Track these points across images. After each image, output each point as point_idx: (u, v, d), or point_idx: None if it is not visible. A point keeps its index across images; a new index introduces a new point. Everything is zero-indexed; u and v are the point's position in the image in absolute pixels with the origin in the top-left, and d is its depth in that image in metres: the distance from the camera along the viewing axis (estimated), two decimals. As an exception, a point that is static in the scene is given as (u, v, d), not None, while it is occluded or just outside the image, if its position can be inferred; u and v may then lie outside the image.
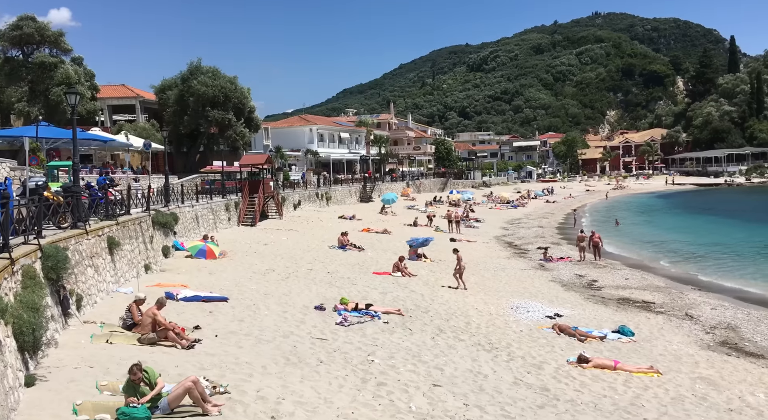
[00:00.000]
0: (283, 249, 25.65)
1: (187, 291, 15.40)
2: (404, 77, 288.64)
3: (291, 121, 75.03)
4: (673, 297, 20.24)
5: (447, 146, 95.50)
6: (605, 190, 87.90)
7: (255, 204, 33.72)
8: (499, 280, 22.08)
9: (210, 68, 42.59)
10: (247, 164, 37.01)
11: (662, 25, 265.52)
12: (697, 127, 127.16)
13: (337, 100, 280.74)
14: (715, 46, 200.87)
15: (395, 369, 10.63)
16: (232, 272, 19.49)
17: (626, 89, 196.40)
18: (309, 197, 45.80)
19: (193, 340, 11.14)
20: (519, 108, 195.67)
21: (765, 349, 14.43)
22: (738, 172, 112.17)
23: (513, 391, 10.16)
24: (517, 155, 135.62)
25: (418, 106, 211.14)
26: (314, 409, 8.21)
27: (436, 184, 77.58)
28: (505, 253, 30.76)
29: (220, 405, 7.91)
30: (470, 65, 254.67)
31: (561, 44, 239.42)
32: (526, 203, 65.90)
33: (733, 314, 17.74)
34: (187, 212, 25.94)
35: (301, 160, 63.66)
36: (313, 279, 19.43)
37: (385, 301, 16.76)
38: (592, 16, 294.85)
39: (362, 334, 13.09)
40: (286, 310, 14.72)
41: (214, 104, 40.59)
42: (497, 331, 14.51)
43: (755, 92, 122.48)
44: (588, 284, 22.60)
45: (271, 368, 9.89)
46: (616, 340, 14.42)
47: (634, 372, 11.83)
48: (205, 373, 9.02)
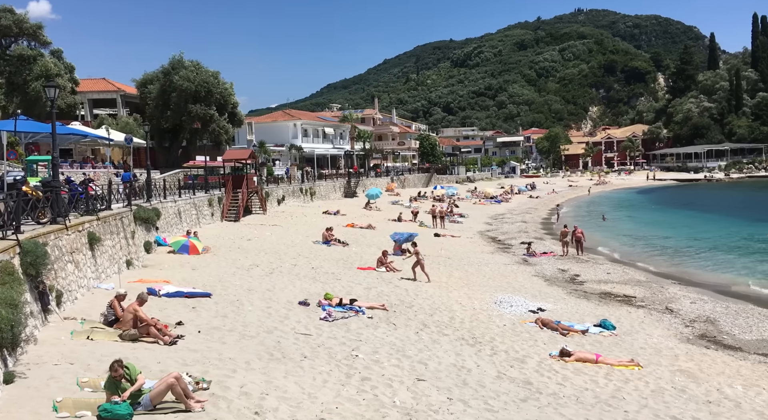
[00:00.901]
0: (267, 244, 25.53)
1: (170, 287, 15.28)
2: (388, 72, 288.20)
3: (275, 116, 74.62)
4: (654, 291, 20.51)
5: (431, 142, 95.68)
6: (587, 186, 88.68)
7: (238, 199, 33.53)
8: (483, 275, 22.20)
9: (192, 63, 42.13)
10: (231, 159, 36.74)
11: (643, 22, 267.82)
12: (677, 123, 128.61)
13: (321, 95, 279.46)
14: (695, 43, 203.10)
15: (379, 364, 10.65)
16: (216, 268, 19.37)
17: (608, 85, 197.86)
18: (293, 192, 45.63)
19: (176, 336, 11.05)
20: (503, 104, 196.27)
21: (743, 341, 14.69)
22: (717, 168, 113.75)
23: (496, 385, 10.23)
24: (500, 151, 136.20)
25: (402, 102, 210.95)
26: (298, 405, 8.19)
27: (421, 180, 77.71)
28: (488, 248, 30.93)
29: (203, 401, 7.86)
30: (454, 61, 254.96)
31: (544, 40, 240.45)
32: (510, 198, 66.28)
33: (712, 308, 18.02)
34: (170, 207, 25.72)
35: (285, 156, 63.34)
36: (297, 274, 19.38)
37: (369, 296, 16.77)
38: (575, 13, 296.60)
39: (346, 329, 13.09)
40: (270, 305, 14.67)
41: (196, 99, 40.19)
42: (481, 326, 14.59)
43: (734, 89, 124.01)
44: (570, 279, 22.81)
45: (254, 364, 9.85)
46: (598, 333, 14.57)
47: (616, 365, 11.97)
48: (188, 369, 8.95)
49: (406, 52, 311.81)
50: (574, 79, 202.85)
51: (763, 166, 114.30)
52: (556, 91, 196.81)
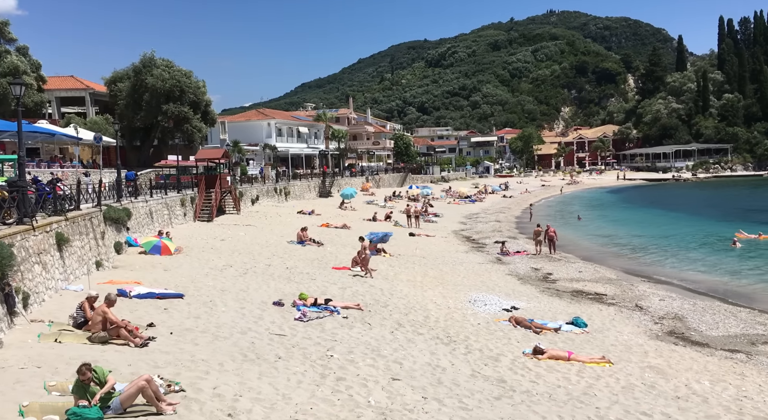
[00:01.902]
0: (241, 244, 25.31)
1: (141, 288, 15.05)
2: (363, 72, 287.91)
3: (248, 115, 73.98)
4: (624, 289, 20.86)
5: (406, 141, 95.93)
6: (560, 185, 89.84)
7: (211, 199, 33.16)
8: (458, 274, 22.32)
9: (164, 61, 41.52)
10: (204, 159, 36.34)
11: (614, 24, 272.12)
12: (646, 124, 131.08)
13: (295, 95, 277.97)
14: (664, 45, 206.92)
15: (354, 364, 10.63)
16: (188, 268, 19.13)
17: (580, 86, 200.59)
18: (267, 192, 45.30)
19: (147, 338, 10.88)
20: (477, 104, 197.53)
21: (710, 338, 15.03)
22: (685, 168, 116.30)
23: (470, 384, 10.29)
24: (474, 150, 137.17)
25: (377, 101, 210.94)
26: (272, 406, 8.13)
27: (396, 179, 77.84)
28: (463, 247, 31.11)
29: (175, 403, 7.75)
30: (428, 61, 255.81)
31: (517, 41, 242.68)
32: (484, 198, 66.80)
33: (680, 305, 18.40)
34: (141, 207, 25.33)
35: (259, 155, 62.85)
36: (271, 274, 19.25)
37: (344, 296, 16.74)
38: (547, 14, 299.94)
39: (321, 329, 13.04)
40: (244, 306, 14.54)
41: (168, 98, 39.63)
42: (455, 325, 14.67)
43: (701, 90, 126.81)
44: (543, 277, 23.07)
45: (228, 365, 9.75)
46: (570, 331, 14.76)
47: (587, 362, 12.14)
48: (160, 372, 8.82)
49: (380, 51, 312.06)
50: (547, 79, 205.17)
51: (729, 166, 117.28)
52: (529, 91, 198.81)
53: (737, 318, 16.90)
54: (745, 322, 16.50)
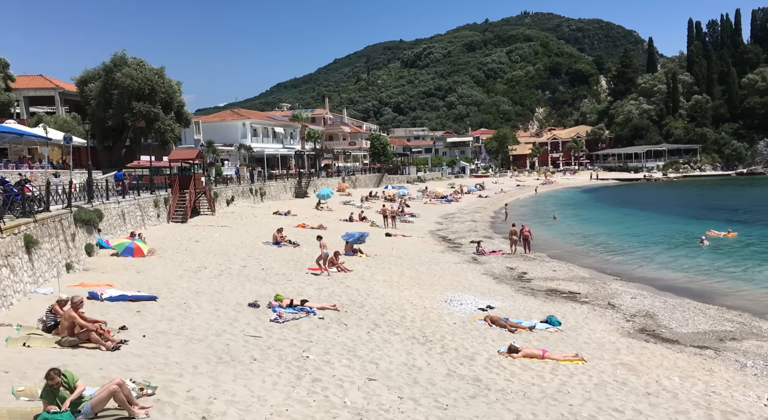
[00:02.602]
0: (216, 246, 25.07)
1: (113, 290, 14.80)
2: (339, 72, 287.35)
3: (223, 115, 73.27)
4: (597, 287, 21.17)
5: (382, 142, 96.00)
6: (534, 185, 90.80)
7: (186, 200, 32.78)
8: (434, 274, 22.41)
9: (135, 60, 40.90)
10: (177, 159, 35.90)
11: (586, 26, 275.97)
12: (618, 125, 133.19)
13: (270, 95, 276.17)
14: (635, 47, 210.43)
15: (330, 364, 10.61)
16: (162, 270, 18.89)
17: (554, 87, 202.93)
18: (243, 193, 44.94)
19: (119, 341, 10.71)
20: (452, 104, 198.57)
21: (680, 334, 15.33)
22: (656, 168, 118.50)
23: (446, 383, 10.34)
24: (450, 151, 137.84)
25: (353, 101, 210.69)
26: (247, 408, 8.07)
27: (372, 180, 77.85)
28: (439, 247, 31.25)
29: (148, 407, 7.65)
30: (404, 61, 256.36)
31: (492, 42, 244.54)
32: (460, 198, 67.19)
33: (651, 302, 18.74)
34: (113, 209, 24.93)
35: (234, 155, 62.31)
36: (246, 276, 19.11)
37: (320, 296, 16.69)
38: (521, 16, 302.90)
39: (297, 330, 12.99)
40: (219, 308, 14.41)
41: (140, 97, 39.05)
42: (431, 324, 14.73)
43: (671, 92, 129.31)
44: (518, 276, 23.29)
45: (202, 368, 9.65)
46: (545, 329, 14.93)
47: (561, 360, 12.29)
48: (132, 375, 8.69)
49: (356, 52, 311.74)
50: (521, 80, 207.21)
51: (698, 166, 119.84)
52: (504, 92, 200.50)
53: (706, 315, 17.27)
54: (714, 319, 16.88)
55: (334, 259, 21.64)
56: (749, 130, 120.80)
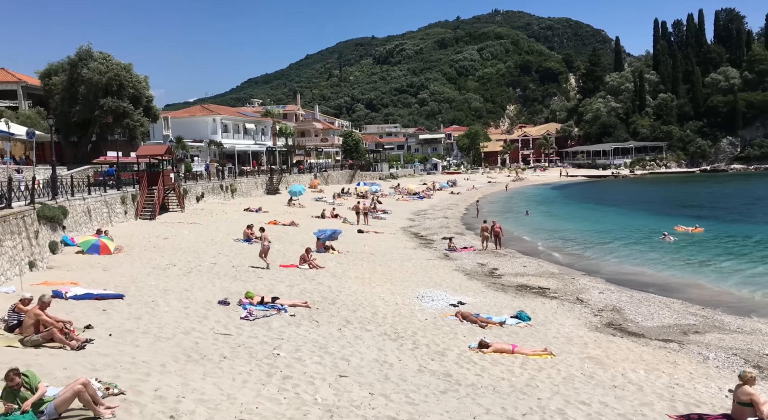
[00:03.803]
0: (185, 243, 24.73)
1: (78, 289, 14.49)
2: (311, 68, 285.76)
3: (193, 111, 72.25)
4: (566, 282, 21.49)
5: (355, 138, 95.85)
6: (505, 182, 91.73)
7: (154, 196, 32.24)
8: (406, 271, 22.47)
9: (101, 54, 40.03)
10: (145, 155, 35.29)
11: (556, 24, 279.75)
12: (587, 122, 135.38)
13: (241, 90, 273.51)
14: (603, 46, 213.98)
15: (301, 361, 10.56)
16: (129, 268, 18.56)
17: (524, 85, 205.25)
18: (213, 189, 44.40)
19: (84, 340, 10.48)
20: (424, 101, 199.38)
21: (645, 328, 15.67)
22: (623, 165, 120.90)
23: (417, 379, 10.39)
24: (423, 147, 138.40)
25: (325, 98, 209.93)
26: (216, 406, 7.99)
27: (344, 176, 77.67)
28: (411, 243, 31.34)
29: (114, 407, 7.50)
30: (376, 58, 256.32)
31: (463, 40, 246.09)
32: (432, 195, 67.50)
33: (618, 297, 19.10)
34: (78, 205, 24.38)
35: (204, 151, 61.53)
36: (217, 273, 18.89)
37: (291, 294, 16.60)
38: (492, 13, 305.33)
39: (268, 327, 12.90)
40: (188, 305, 14.22)
41: (107, 92, 38.25)
42: (403, 321, 14.77)
43: (638, 90, 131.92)
44: (489, 272, 23.50)
45: (170, 366, 9.51)
46: (515, 325, 15.09)
47: (530, 355, 12.45)
48: (98, 375, 8.52)
49: (328, 47, 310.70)
50: (492, 78, 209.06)
51: (664, 163, 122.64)
52: (475, 89, 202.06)
53: (671, 309, 17.68)
54: (678, 313, 17.29)
55: (305, 255, 21.55)
56: (712, 128, 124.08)
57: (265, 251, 20.76)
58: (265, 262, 20.63)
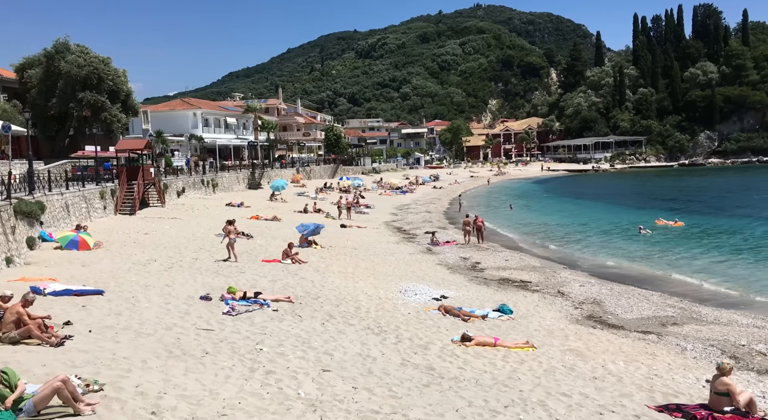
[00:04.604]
0: (166, 238, 24.51)
1: (57, 285, 14.29)
2: (292, 62, 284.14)
3: (173, 105, 71.45)
4: (547, 276, 21.69)
5: (337, 133, 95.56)
6: (488, 176, 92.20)
7: (134, 191, 31.88)
8: (389, 265, 22.51)
9: (79, 47, 39.36)
10: (125, 149, 34.87)
11: (537, 19, 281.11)
12: (568, 117, 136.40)
13: (222, 84, 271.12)
14: (584, 41, 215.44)
15: (284, 356, 10.54)
16: (109, 263, 18.35)
17: (506, 79, 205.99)
18: (194, 184, 44.01)
19: (63, 337, 10.35)
20: (407, 95, 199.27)
21: (624, 320, 15.88)
22: (603, 159, 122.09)
23: (400, 372, 10.42)
24: (405, 142, 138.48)
25: (307, 92, 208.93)
26: (198, 402, 7.94)
27: (327, 171, 77.46)
28: (394, 238, 31.39)
29: (94, 403, 7.42)
30: (359, 52, 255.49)
31: (446, 34, 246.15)
32: (415, 189, 67.62)
33: (598, 290, 19.33)
34: (56, 200, 24.03)
35: (184, 146, 60.93)
36: (198, 268, 18.75)
37: (274, 288, 16.54)
38: (474, 8, 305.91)
39: (251, 322, 12.84)
40: (169, 301, 14.10)
41: (85, 85, 37.65)
42: (386, 315, 14.80)
43: (618, 85, 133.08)
44: (472, 266, 23.62)
45: (151, 362, 9.43)
46: (497, 318, 15.20)
47: (512, 347, 12.55)
48: (77, 371, 8.42)
49: (309, 41, 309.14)
50: (475, 72, 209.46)
51: (643, 157, 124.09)
52: (457, 84, 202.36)
53: (650, 301, 17.93)
54: (657, 304, 17.54)
55: (288, 250, 21.48)
56: (691, 123, 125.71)
57: (232, 244, 20.69)
58: (233, 254, 20.58)
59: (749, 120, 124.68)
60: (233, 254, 20.65)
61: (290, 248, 21.67)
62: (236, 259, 20.49)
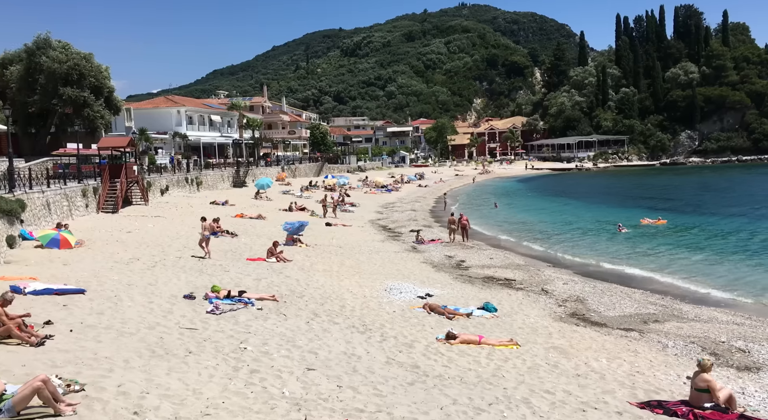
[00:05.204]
0: (149, 237, 24.29)
1: (37, 284, 14.10)
2: (278, 60, 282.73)
3: (156, 102, 70.82)
4: (532, 274, 21.83)
5: (322, 131, 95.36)
6: (473, 175, 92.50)
7: (117, 189, 31.55)
8: (374, 263, 22.51)
9: (60, 43, 38.84)
10: (107, 147, 34.52)
11: (521, 19, 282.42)
12: (552, 116, 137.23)
13: (207, 82, 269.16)
14: (567, 41, 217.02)
15: (269, 355, 10.50)
16: (91, 262, 18.14)
17: (491, 78, 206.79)
18: (178, 182, 43.65)
19: (44, 337, 10.22)
20: (392, 94, 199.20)
21: (607, 318, 16.03)
22: (587, 158, 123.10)
23: (385, 371, 10.43)
24: (390, 140, 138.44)
25: (292, 90, 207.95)
26: (182, 401, 7.89)
27: (312, 169, 77.25)
28: (379, 236, 31.39)
29: (75, 404, 7.34)
30: (344, 50, 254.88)
31: (431, 33, 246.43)
32: (400, 188, 67.66)
33: (581, 288, 19.49)
34: (37, 199, 23.72)
35: (168, 144, 60.44)
36: (182, 267, 18.61)
37: (259, 287, 16.47)
38: (459, 7, 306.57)
39: (235, 321, 12.77)
40: (152, 300, 13.98)
41: (67, 82, 37.15)
42: (371, 313, 14.81)
43: (601, 84, 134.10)
44: (456, 264, 23.70)
45: (134, 362, 9.35)
46: (481, 316, 15.26)
47: (497, 345, 12.62)
48: (58, 371, 8.32)
49: (295, 39, 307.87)
50: (460, 71, 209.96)
51: (625, 156, 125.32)
52: (442, 82, 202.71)
53: (632, 299, 18.13)
54: (639, 302, 17.74)
55: (273, 248, 21.40)
56: (672, 122, 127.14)
57: (205, 241, 20.64)
58: (205, 250, 20.51)
59: (729, 120, 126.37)
60: (207, 251, 20.54)
61: (275, 247, 21.59)
62: (209, 256, 20.37)
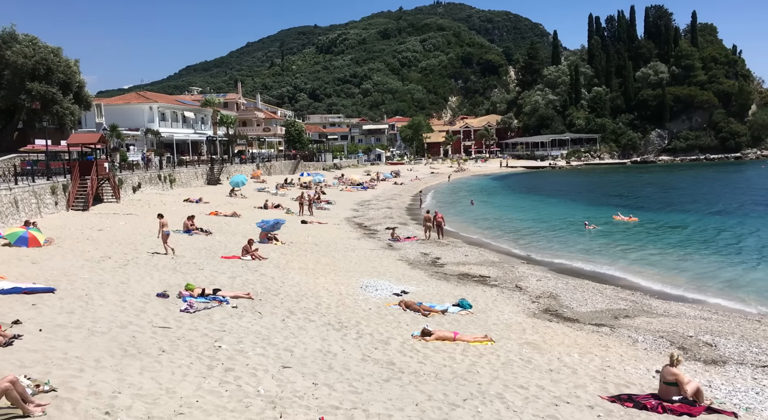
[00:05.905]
0: (121, 234, 23.92)
1: (5, 283, 13.78)
2: (252, 56, 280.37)
3: (128, 98, 69.61)
4: (506, 271, 22.05)
5: (298, 128, 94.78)
6: (448, 173, 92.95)
7: (87, 186, 30.98)
8: (350, 261, 22.50)
9: (27, 37, 37.96)
10: (77, 143, 33.84)
11: (496, 17, 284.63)
12: (526, 114, 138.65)
13: (179, 78, 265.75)
14: (541, 40, 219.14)
15: (243, 353, 10.44)
16: (61, 261, 17.80)
17: (466, 77, 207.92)
18: (150, 179, 43.03)
19: (12, 336, 10.00)
20: (368, 91, 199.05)
21: (579, 313, 16.28)
22: (560, 156, 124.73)
23: (361, 368, 10.45)
24: (366, 138, 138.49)
25: (267, 87, 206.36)
26: (155, 401, 7.80)
27: (287, 166, 76.83)
28: (355, 233, 31.38)
29: (45, 405, 7.21)
30: (319, 47, 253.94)
31: (406, 30, 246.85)
32: (376, 185, 67.71)
33: (554, 284, 19.75)
34: (4, 196, 23.17)
35: (140, 140, 59.47)
36: (155, 265, 18.36)
37: (234, 285, 16.35)
38: (434, 5, 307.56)
39: (209, 320, 12.66)
40: (125, 299, 13.77)
41: (34, 77, 36.33)
42: (347, 310, 14.81)
43: (574, 83, 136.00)
44: (432, 261, 23.82)
45: (105, 361, 9.21)
46: (456, 312, 15.37)
47: (471, 341, 12.73)
48: (27, 371, 8.16)
49: (269, 35, 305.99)
50: (435, 69, 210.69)
51: (598, 154, 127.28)
52: (418, 80, 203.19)
53: (603, 295, 18.43)
54: (610, 298, 18.05)
55: (248, 246, 21.25)
56: (642, 121, 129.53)
57: (164, 237, 20.52)
58: (167, 248, 20.40)
59: (697, 119, 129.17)
60: (167, 248, 20.42)
61: (250, 244, 21.44)
62: (168, 252, 20.26)
